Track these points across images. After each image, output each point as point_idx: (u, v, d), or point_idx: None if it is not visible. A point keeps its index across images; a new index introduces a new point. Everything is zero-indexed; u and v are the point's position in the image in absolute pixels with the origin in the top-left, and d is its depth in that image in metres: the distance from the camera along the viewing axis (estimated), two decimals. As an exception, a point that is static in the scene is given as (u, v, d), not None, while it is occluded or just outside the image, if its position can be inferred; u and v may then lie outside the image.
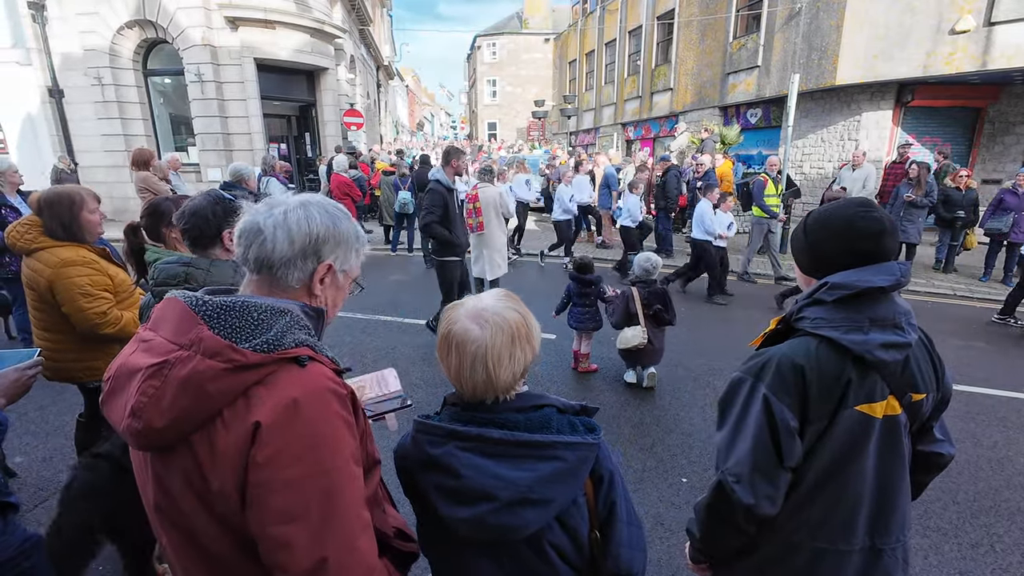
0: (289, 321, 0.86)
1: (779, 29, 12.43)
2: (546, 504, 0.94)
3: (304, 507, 0.78)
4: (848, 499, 1.16)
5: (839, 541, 1.17)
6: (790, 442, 1.12)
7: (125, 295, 2.45)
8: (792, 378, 1.12)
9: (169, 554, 0.89)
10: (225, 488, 0.78)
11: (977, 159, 11.43)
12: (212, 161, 11.85)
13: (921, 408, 1.18)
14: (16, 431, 3.44)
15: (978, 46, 9.35)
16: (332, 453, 0.81)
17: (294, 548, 0.77)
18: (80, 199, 2.36)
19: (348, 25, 16.27)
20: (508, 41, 35.67)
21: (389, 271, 8.39)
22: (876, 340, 1.09)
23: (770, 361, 1.15)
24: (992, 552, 2.61)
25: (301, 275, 0.93)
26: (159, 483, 0.83)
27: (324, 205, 0.97)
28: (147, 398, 0.77)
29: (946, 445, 1.27)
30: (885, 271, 1.11)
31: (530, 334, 1.02)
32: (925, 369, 1.18)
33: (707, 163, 9.43)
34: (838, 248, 1.16)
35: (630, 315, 4.16)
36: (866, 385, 1.12)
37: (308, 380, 0.83)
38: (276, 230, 0.90)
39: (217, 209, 1.69)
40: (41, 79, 11.42)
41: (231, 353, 0.78)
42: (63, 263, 2.27)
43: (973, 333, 5.83)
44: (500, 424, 0.98)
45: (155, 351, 0.81)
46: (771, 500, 1.15)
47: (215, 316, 0.82)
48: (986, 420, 3.89)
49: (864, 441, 1.13)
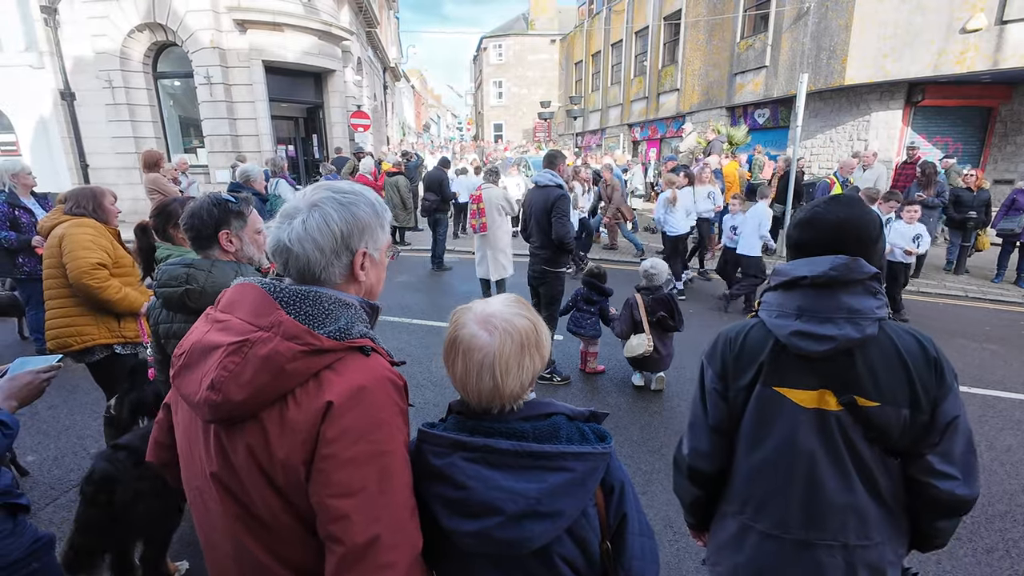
0: (354, 314, 0.94)
1: (787, 29, 12.36)
2: (555, 517, 0.90)
3: (363, 483, 0.83)
4: (775, 480, 1.22)
5: (770, 524, 1.23)
6: (714, 403, 1.29)
7: (123, 272, 2.80)
8: (720, 348, 1.29)
9: (220, 530, 0.92)
10: (291, 460, 0.83)
11: (989, 159, 11.30)
12: (221, 163, 11.94)
13: (876, 418, 1.11)
14: (28, 430, 3.48)
15: (990, 45, 9.25)
16: (389, 437, 0.88)
17: (352, 521, 0.82)
18: (101, 192, 2.89)
19: (355, 27, 16.34)
20: (514, 42, 35.72)
21: (396, 272, 8.41)
22: (793, 327, 1.15)
23: (719, 335, 1.33)
24: (1007, 557, 2.57)
25: (341, 270, 0.97)
26: (222, 454, 0.88)
27: (335, 198, 0.95)
28: (228, 373, 0.83)
29: (951, 482, 1.12)
30: (817, 263, 1.15)
31: (540, 342, 0.98)
32: (885, 377, 1.11)
33: (713, 164, 9.38)
34: (805, 240, 1.23)
35: (635, 323, 4.13)
36: (786, 369, 1.18)
37: (372, 368, 0.89)
38: (301, 243, 0.92)
39: (213, 210, 1.72)
40: (53, 82, 11.57)
41: (309, 337, 0.85)
42: (76, 224, 2.71)
43: (986, 335, 5.73)
44: (507, 434, 0.94)
45: (233, 330, 0.87)
46: (702, 456, 1.32)
47: (291, 302, 0.89)
48: (1000, 423, 3.83)
49: (787, 424, 1.18)
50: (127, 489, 1.83)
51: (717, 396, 1.28)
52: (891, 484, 1.17)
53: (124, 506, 1.83)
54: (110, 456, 1.92)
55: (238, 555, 0.90)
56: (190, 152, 12.64)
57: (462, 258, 9.24)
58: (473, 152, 17.27)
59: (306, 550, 0.88)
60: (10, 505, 1.27)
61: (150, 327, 1.91)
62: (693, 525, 1.50)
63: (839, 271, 1.13)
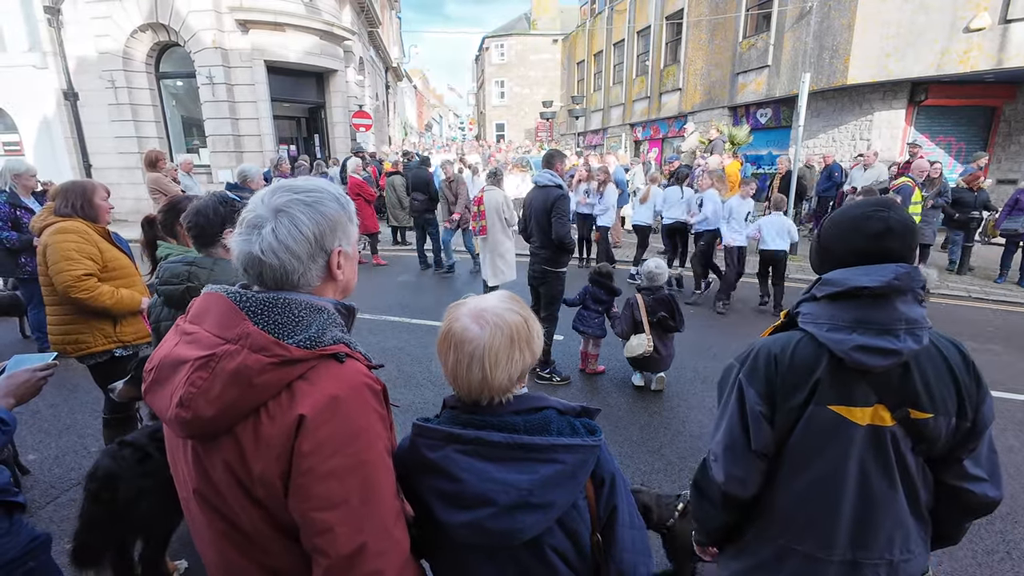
0: (326, 319, 0.90)
1: (789, 28, 12.33)
2: (546, 508, 0.93)
3: (344, 495, 0.82)
4: (823, 503, 1.14)
5: (814, 547, 1.16)
6: (758, 427, 1.16)
7: (117, 274, 2.68)
8: (764, 366, 1.16)
9: (207, 541, 0.92)
10: (267, 474, 0.82)
11: (992, 159, 11.25)
12: (223, 163, 11.98)
13: (928, 429, 1.09)
14: (29, 429, 3.49)
15: (993, 44, 9.20)
16: (369, 445, 0.86)
17: (336, 533, 0.81)
18: (92, 187, 2.70)
19: (357, 27, 16.36)
20: (516, 42, 35.69)
21: (396, 272, 8.42)
22: (854, 341, 1.06)
23: (753, 349, 1.21)
24: (1008, 559, 2.56)
25: (318, 272, 0.94)
26: (201, 470, 0.86)
27: (300, 199, 0.90)
28: (196, 389, 0.80)
29: (984, 485, 1.14)
30: (878, 272, 1.07)
31: (530, 337, 1.00)
32: (937, 387, 1.09)
33: (714, 164, 9.33)
34: (844, 247, 1.15)
35: (635, 323, 4.13)
36: (843, 386, 1.10)
37: (347, 376, 0.87)
38: (275, 254, 0.88)
39: (220, 208, 1.73)
40: (56, 82, 11.62)
41: (277, 348, 0.82)
42: (59, 231, 2.55)
43: (989, 336, 5.72)
44: (499, 427, 0.96)
45: (201, 344, 0.84)
46: (740, 482, 1.21)
47: (258, 312, 0.85)
48: (1002, 424, 3.81)
49: (840, 444, 1.12)
50: (130, 487, 1.83)
51: (762, 419, 1.15)
52: (928, 495, 1.17)
53: (127, 503, 1.83)
54: (114, 453, 1.92)
55: (224, 564, 0.90)
56: (192, 152, 12.67)
57: (464, 258, 9.24)
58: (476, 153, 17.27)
59: (292, 558, 0.87)
60: (7, 504, 1.27)
61: (151, 324, 1.91)
62: (703, 543, 1.44)
63: (903, 280, 1.05)
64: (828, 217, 1.24)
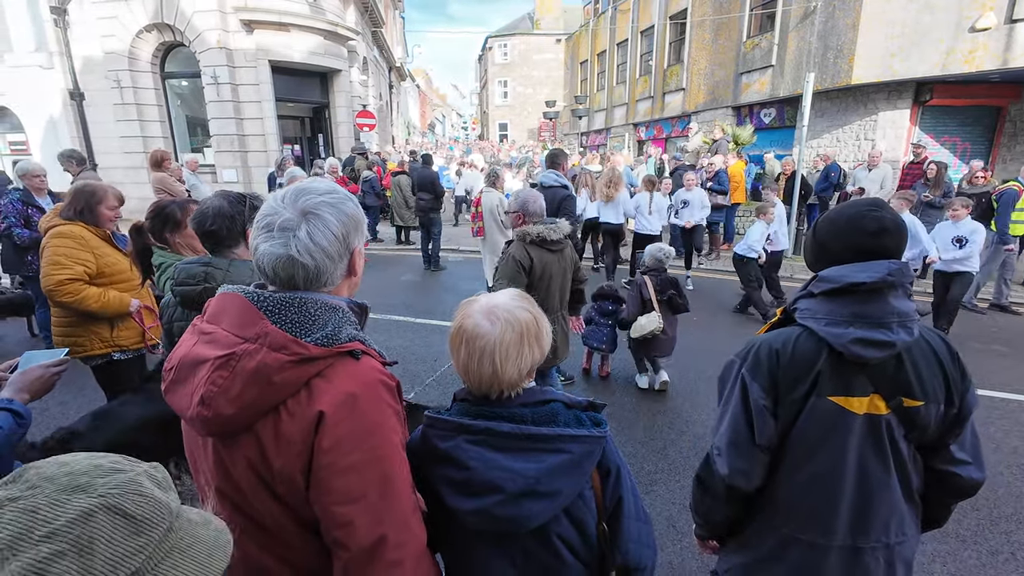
0: (341, 317, 0.92)
1: (793, 28, 12.29)
2: (553, 496, 0.96)
3: (363, 489, 0.84)
4: (825, 491, 1.20)
5: (815, 533, 1.21)
6: (762, 420, 1.21)
7: (114, 278, 2.63)
8: (766, 361, 1.20)
9: None
10: (288, 470, 0.84)
11: (998, 159, 11.20)
12: (227, 162, 12.02)
13: (919, 417, 1.15)
14: (39, 426, 3.52)
15: (999, 43, 9.16)
16: (385, 440, 0.88)
17: (356, 526, 0.83)
18: (101, 194, 2.63)
19: (361, 27, 16.39)
20: (519, 42, 35.67)
21: (401, 271, 8.44)
22: (852, 335, 1.12)
23: (754, 345, 1.25)
24: (1012, 560, 2.56)
25: (342, 271, 0.96)
26: (222, 468, 0.88)
27: (327, 201, 0.92)
28: (217, 388, 0.82)
29: (969, 468, 1.21)
30: (873, 268, 1.13)
31: (540, 334, 1.04)
32: (927, 376, 1.15)
33: (718, 164, 9.34)
34: (839, 245, 1.20)
35: (644, 303, 4.16)
36: (842, 377, 1.15)
37: (363, 373, 0.89)
38: (311, 254, 0.89)
39: (241, 208, 1.72)
40: (63, 82, 11.66)
41: (296, 347, 0.83)
42: (56, 235, 2.52)
43: (992, 336, 5.69)
44: (508, 418, 1.00)
45: (219, 343, 0.86)
46: (745, 475, 1.24)
47: (276, 311, 0.87)
48: (1006, 425, 3.81)
49: (840, 434, 1.17)
50: None
51: (766, 413, 1.20)
52: (919, 480, 1.23)
53: None
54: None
55: (242, 559, 0.91)
56: (197, 152, 12.72)
57: (467, 257, 9.25)
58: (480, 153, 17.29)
59: (312, 552, 0.89)
60: None
61: (164, 325, 1.91)
62: (704, 536, 1.47)
63: (896, 276, 1.12)
64: (823, 216, 1.29)
